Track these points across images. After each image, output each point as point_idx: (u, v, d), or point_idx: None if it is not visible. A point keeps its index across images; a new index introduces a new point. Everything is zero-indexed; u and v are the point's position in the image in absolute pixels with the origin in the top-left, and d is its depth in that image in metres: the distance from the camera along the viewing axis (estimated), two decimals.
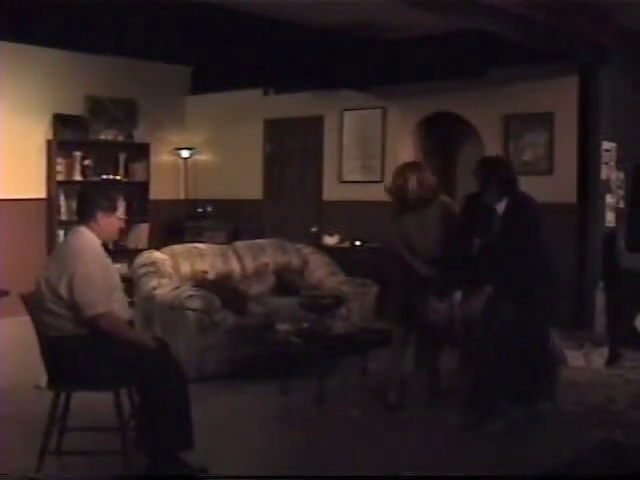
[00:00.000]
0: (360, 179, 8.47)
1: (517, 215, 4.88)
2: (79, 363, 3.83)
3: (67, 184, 8.38)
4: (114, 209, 4.02)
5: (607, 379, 5.98)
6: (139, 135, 9.11)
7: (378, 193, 8.27)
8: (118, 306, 3.99)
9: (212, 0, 6.22)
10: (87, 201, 4.05)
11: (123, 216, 4.09)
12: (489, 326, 4.77)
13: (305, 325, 5.62)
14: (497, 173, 4.94)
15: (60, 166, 8.45)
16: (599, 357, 6.33)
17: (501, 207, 4.91)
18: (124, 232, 4.23)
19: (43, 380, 4.17)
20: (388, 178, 8.21)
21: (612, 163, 7.14)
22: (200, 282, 6.26)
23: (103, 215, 3.98)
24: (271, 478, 4.03)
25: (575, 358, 6.22)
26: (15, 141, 8.18)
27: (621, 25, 6.87)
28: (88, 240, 3.95)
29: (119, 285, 4.12)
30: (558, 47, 6.53)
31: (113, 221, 4.03)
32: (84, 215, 4.01)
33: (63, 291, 3.81)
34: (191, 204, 9.44)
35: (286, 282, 6.88)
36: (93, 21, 6.97)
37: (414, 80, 7.85)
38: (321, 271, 7.10)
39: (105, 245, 4.17)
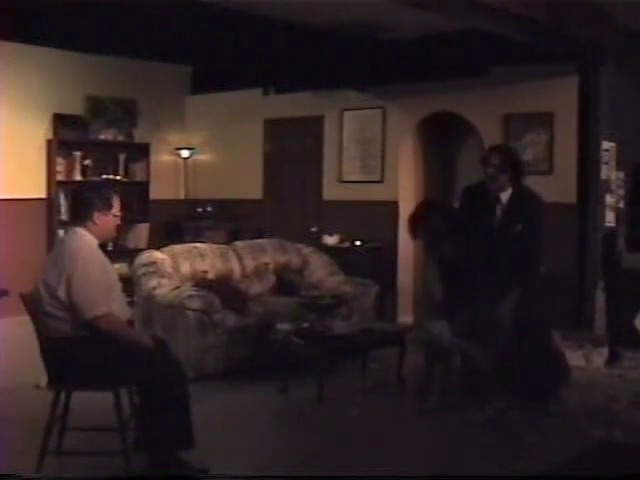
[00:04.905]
0: (360, 179, 8.47)
1: (523, 204, 5.00)
2: (79, 363, 3.83)
3: (67, 184, 8.35)
4: (110, 207, 4.00)
5: (607, 379, 5.98)
6: (139, 135, 9.11)
7: (378, 193, 8.34)
8: (117, 305, 3.99)
9: (212, 0, 6.21)
10: (82, 202, 4.01)
11: (119, 213, 4.07)
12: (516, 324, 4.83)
13: (305, 325, 5.62)
14: (510, 160, 5.06)
15: (60, 166, 8.45)
16: (599, 357, 6.33)
17: (505, 196, 5.02)
18: (121, 229, 4.21)
19: (43, 380, 4.18)
20: (388, 178, 8.28)
21: (612, 163, 7.14)
22: (200, 282, 6.25)
23: (100, 215, 3.96)
24: (271, 478, 4.03)
25: (575, 358, 6.21)
26: (15, 141, 8.18)
27: (621, 25, 6.87)
28: (85, 241, 3.94)
29: (118, 284, 4.12)
30: (558, 47, 6.53)
31: (110, 219, 4.02)
32: (80, 216, 3.99)
33: (62, 293, 3.80)
34: (191, 204, 9.44)
35: (286, 282, 6.88)
36: (93, 21, 6.97)
37: (414, 80, 7.83)
38: (321, 271, 7.10)
39: (104, 245, 4.17)
